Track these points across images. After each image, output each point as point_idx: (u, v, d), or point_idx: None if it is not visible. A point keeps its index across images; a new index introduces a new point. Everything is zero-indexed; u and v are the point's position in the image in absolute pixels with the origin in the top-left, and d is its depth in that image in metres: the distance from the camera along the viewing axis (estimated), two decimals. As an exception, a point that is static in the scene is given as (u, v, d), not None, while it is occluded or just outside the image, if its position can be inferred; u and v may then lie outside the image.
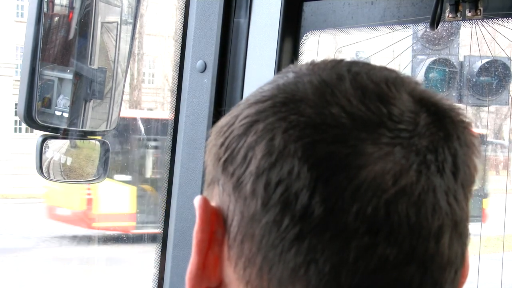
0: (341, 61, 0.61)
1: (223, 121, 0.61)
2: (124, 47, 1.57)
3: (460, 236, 0.55)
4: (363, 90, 0.55)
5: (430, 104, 0.57)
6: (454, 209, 0.54)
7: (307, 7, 1.37)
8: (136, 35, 1.52)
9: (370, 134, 0.53)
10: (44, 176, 1.51)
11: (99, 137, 1.58)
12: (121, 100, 1.60)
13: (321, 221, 0.52)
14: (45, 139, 1.46)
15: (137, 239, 10.72)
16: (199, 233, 0.59)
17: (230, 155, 0.57)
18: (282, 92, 0.57)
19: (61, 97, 1.48)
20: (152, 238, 9.39)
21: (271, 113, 0.56)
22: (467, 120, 0.59)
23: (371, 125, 0.53)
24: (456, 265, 0.56)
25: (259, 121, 0.56)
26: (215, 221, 0.59)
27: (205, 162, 0.64)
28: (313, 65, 0.61)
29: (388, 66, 0.63)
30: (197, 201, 0.60)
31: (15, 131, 29.13)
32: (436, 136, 0.55)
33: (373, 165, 0.52)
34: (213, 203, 0.60)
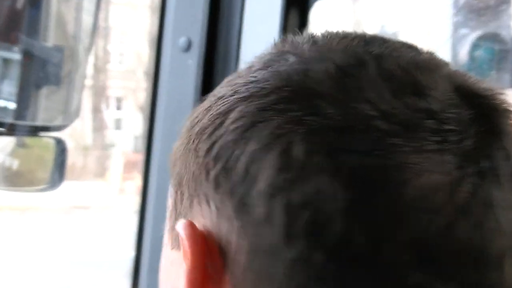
0: (349, 37, 0.58)
1: (205, 118, 0.58)
2: (87, 19, 1.58)
3: None
4: (392, 79, 0.53)
5: (471, 93, 0.55)
6: None
7: (319, -32, 1.37)
8: (102, 4, 1.52)
9: (411, 139, 0.51)
10: (-17, 183, 1.51)
11: (54, 134, 1.58)
12: (83, 85, 1.60)
13: (363, 255, 0.50)
14: (-16, 135, 1.46)
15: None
16: (191, 272, 0.56)
17: (224, 168, 0.54)
18: (288, 84, 0.53)
19: (5, 83, 1.48)
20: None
21: (277, 112, 0.52)
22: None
23: (411, 127, 0.51)
24: None
25: (262, 123, 0.53)
26: (206, 252, 0.55)
27: (172, 168, 0.62)
28: (316, 44, 0.57)
29: (414, 43, 0.60)
30: (182, 227, 0.57)
31: None
32: (485, 137, 0.53)
33: (420, 179, 0.50)
34: (197, 226, 0.57)
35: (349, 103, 0.51)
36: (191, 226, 0.56)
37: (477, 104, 0.54)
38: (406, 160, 0.50)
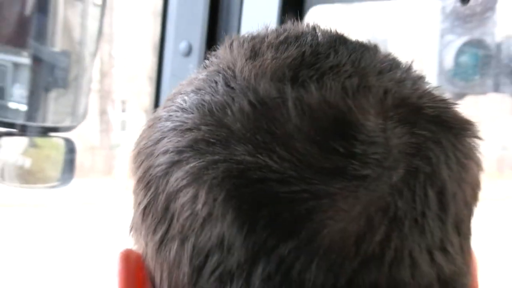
0: (289, 46, 0.51)
1: (144, 137, 0.54)
2: (92, 25, 1.57)
3: None
4: (313, 119, 0.47)
5: (407, 114, 0.49)
6: (441, 268, 0.48)
7: (313, -24, 1.37)
8: (106, 11, 1.52)
9: (326, 187, 0.46)
10: (-4, 181, 1.51)
11: (63, 134, 1.57)
12: (89, 89, 1.60)
13: None
14: (-3, 136, 1.46)
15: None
16: None
17: (149, 202, 0.51)
18: (208, 121, 0.49)
19: (16, 86, 1.47)
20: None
21: (193, 154, 0.48)
22: (461, 123, 0.51)
23: (326, 175, 0.46)
24: None
25: (180, 164, 0.49)
26: (143, 280, 0.53)
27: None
28: (252, 59, 0.51)
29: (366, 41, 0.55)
30: (116, 258, 0.54)
31: (-38, 126, 29.17)
32: (414, 169, 0.47)
33: (330, 228, 0.45)
34: (140, 251, 0.54)
35: (262, 150, 0.46)
36: (125, 257, 0.54)
37: (413, 125, 0.49)
38: (318, 208, 0.46)
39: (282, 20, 1.30)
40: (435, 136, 0.49)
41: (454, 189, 0.49)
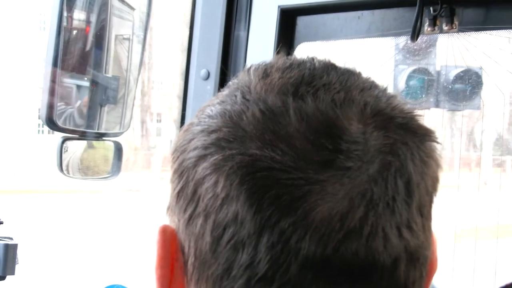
0: (292, 70, 0.51)
1: (179, 139, 0.53)
2: (136, 57, 1.57)
3: (417, 260, 0.49)
4: (308, 122, 0.47)
5: (382, 121, 0.49)
6: (407, 241, 0.48)
7: (300, 21, 1.37)
8: (146, 46, 1.51)
9: (317, 176, 0.45)
10: (63, 174, 1.50)
11: (113, 138, 1.57)
12: (133, 104, 1.59)
13: (267, 271, 0.45)
14: (64, 140, 1.45)
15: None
16: (159, 269, 0.52)
17: (182, 188, 0.50)
18: (228, 124, 0.49)
19: (79, 102, 1.47)
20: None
21: (216, 149, 0.48)
22: (423, 130, 0.51)
23: (317, 166, 0.46)
24: (415, 287, 0.49)
25: (205, 157, 0.49)
26: (176, 249, 0.52)
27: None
28: (263, 78, 0.51)
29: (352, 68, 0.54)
30: (156, 231, 0.53)
31: (38, 133, 29.12)
32: (387, 163, 0.47)
33: (320, 208, 0.45)
34: (174, 227, 0.53)
35: (268, 146, 0.46)
36: (163, 230, 0.52)
37: (385, 130, 0.48)
38: (311, 192, 0.45)
39: (278, 52, 1.31)
40: (403, 139, 0.49)
41: (418, 180, 0.49)
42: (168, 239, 0.52)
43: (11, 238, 1.57)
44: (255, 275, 0.46)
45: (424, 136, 0.51)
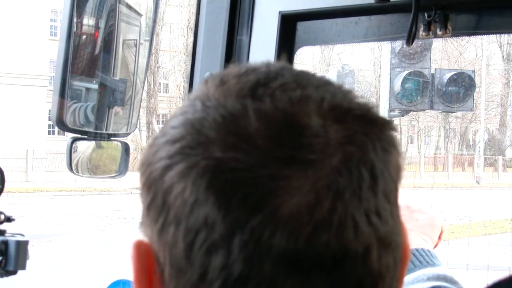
0: (248, 75, 0.50)
1: (145, 153, 0.52)
2: (142, 61, 1.57)
3: (389, 246, 0.48)
4: (268, 121, 0.46)
5: (340, 114, 0.47)
6: (377, 227, 0.46)
7: (300, 26, 1.37)
8: (153, 51, 1.52)
9: (282, 172, 0.44)
10: (73, 172, 1.51)
11: (120, 139, 1.57)
12: (140, 106, 1.60)
13: (242, 271, 0.44)
14: (74, 140, 1.45)
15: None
16: (136, 283, 0.50)
17: (152, 200, 0.49)
18: (190, 132, 0.48)
19: (88, 104, 1.47)
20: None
21: (181, 158, 0.47)
22: (381, 120, 0.50)
23: (281, 162, 0.45)
24: (390, 273, 0.48)
25: (171, 166, 0.47)
26: (152, 262, 0.50)
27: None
28: (221, 86, 0.50)
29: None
30: (130, 247, 0.51)
31: (49, 133, 29.16)
32: (349, 153, 0.46)
33: (287, 203, 0.44)
34: (148, 240, 0.51)
35: (231, 148, 0.45)
36: (137, 246, 0.51)
37: (344, 123, 0.47)
38: (277, 188, 0.44)
39: (278, 56, 1.31)
40: (363, 130, 0.47)
41: (381, 167, 0.47)
42: (143, 252, 0.50)
43: (22, 235, 1.57)
44: (231, 276, 0.44)
45: (383, 125, 0.49)
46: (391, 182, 0.49)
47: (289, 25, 1.35)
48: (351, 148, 0.46)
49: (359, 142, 0.47)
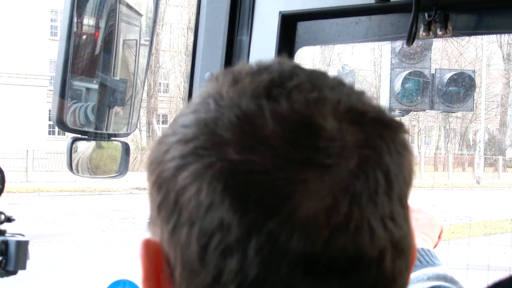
0: (262, 74, 0.49)
1: (154, 151, 0.51)
2: (142, 61, 1.57)
3: (402, 251, 0.48)
4: (285, 123, 0.45)
5: (355, 117, 0.47)
6: (392, 232, 0.47)
7: (301, 26, 1.37)
8: (153, 51, 1.52)
9: (299, 175, 0.44)
10: (73, 172, 1.50)
11: (121, 139, 1.57)
12: (140, 106, 1.59)
13: (258, 274, 0.44)
14: (74, 140, 1.45)
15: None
16: (145, 282, 0.50)
17: (163, 200, 0.48)
18: (204, 132, 0.47)
19: (88, 104, 1.47)
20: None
21: (194, 158, 0.46)
22: (395, 123, 0.50)
23: (298, 165, 0.44)
24: (402, 277, 0.49)
25: (184, 167, 0.47)
26: (161, 261, 0.49)
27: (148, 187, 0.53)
28: (234, 84, 0.49)
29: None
30: (139, 245, 0.50)
31: (49, 133, 29.16)
32: (365, 157, 0.46)
33: (304, 206, 0.44)
34: (157, 239, 0.50)
35: (247, 150, 0.45)
36: (146, 244, 0.50)
37: (360, 126, 0.47)
38: (294, 192, 0.44)
39: (279, 56, 1.31)
40: (378, 133, 0.47)
41: (396, 171, 0.47)
42: (152, 251, 0.49)
43: (22, 235, 1.57)
44: (246, 279, 0.44)
45: (396, 128, 0.49)
46: (405, 185, 0.49)
47: (289, 25, 1.35)
48: (367, 151, 0.46)
49: (374, 145, 0.47)
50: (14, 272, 1.53)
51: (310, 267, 0.44)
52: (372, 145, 0.47)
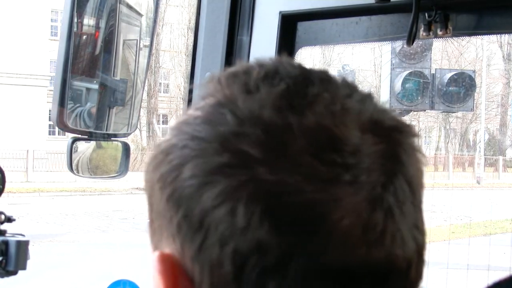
0: (275, 81, 0.48)
1: (162, 161, 0.49)
2: (143, 61, 1.57)
3: (423, 256, 0.49)
4: (312, 138, 0.45)
5: (376, 127, 0.47)
6: (418, 241, 0.48)
7: (301, 26, 1.37)
8: (153, 51, 1.52)
9: (332, 192, 0.44)
10: (73, 173, 1.51)
11: (121, 139, 1.57)
12: (140, 106, 1.60)
13: None
14: (74, 140, 1.46)
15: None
16: None
17: (185, 217, 0.46)
18: (227, 148, 0.45)
19: (88, 104, 1.47)
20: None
21: (220, 177, 0.45)
22: (409, 128, 0.50)
23: (330, 182, 0.44)
24: (421, 280, 0.50)
25: (209, 185, 0.45)
26: (182, 277, 0.47)
27: (147, 194, 0.51)
28: (249, 93, 0.47)
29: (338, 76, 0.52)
30: (154, 260, 0.48)
31: (49, 134, 29.15)
32: (392, 169, 0.47)
33: (341, 224, 0.44)
34: (168, 251, 0.49)
35: (279, 170, 0.44)
36: (164, 258, 0.48)
37: (383, 138, 0.47)
38: (329, 211, 0.44)
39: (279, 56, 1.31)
40: (399, 141, 0.48)
41: (416, 179, 0.49)
42: (170, 267, 0.48)
43: (22, 235, 1.57)
44: None
45: (410, 132, 0.50)
46: (422, 190, 0.50)
47: (289, 25, 1.35)
48: (392, 162, 0.47)
49: (397, 155, 0.47)
50: (14, 272, 1.53)
51: (348, 282, 0.45)
52: (395, 155, 0.47)
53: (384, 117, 0.49)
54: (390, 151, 0.47)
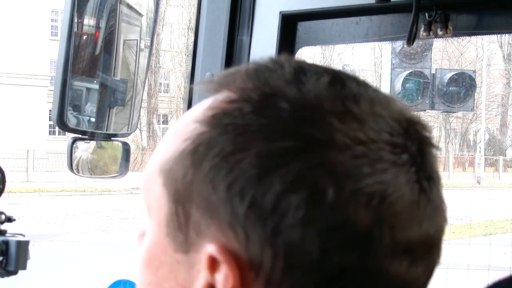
0: (326, 78, 0.50)
1: (216, 147, 0.48)
2: (143, 61, 1.57)
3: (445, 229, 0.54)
4: (374, 124, 0.49)
5: (413, 127, 0.51)
6: (445, 216, 0.53)
7: (301, 26, 1.37)
8: (153, 51, 1.52)
9: (395, 172, 0.48)
10: (74, 173, 1.51)
11: (121, 139, 1.57)
12: (140, 106, 1.60)
13: (375, 267, 0.48)
14: (74, 140, 1.45)
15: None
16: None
17: (251, 202, 0.46)
18: (291, 133, 0.47)
19: (88, 104, 1.47)
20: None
21: (294, 158, 0.46)
22: (429, 127, 0.54)
23: (393, 164, 0.48)
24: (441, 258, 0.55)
25: (281, 168, 0.46)
26: (240, 271, 0.47)
27: (166, 178, 0.51)
28: (294, 85, 0.49)
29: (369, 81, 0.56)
30: (216, 252, 0.47)
31: (49, 134, 29.17)
32: (423, 162, 0.51)
33: (398, 196, 0.48)
34: (216, 244, 0.48)
35: (349, 148, 0.47)
36: (224, 251, 0.47)
37: (413, 133, 0.51)
38: (394, 190, 0.47)
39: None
40: (430, 141, 0.52)
41: (437, 173, 0.53)
42: (233, 258, 0.47)
43: (23, 235, 1.57)
44: (366, 271, 0.47)
45: (432, 132, 0.54)
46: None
47: (289, 25, 1.35)
48: (420, 151, 0.51)
49: (424, 147, 0.51)
50: (14, 272, 1.53)
51: (408, 254, 0.48)
52: (422, 145, 0.51)
53: (416, 119, 0.53)
54: (419, 144, 0.51)
